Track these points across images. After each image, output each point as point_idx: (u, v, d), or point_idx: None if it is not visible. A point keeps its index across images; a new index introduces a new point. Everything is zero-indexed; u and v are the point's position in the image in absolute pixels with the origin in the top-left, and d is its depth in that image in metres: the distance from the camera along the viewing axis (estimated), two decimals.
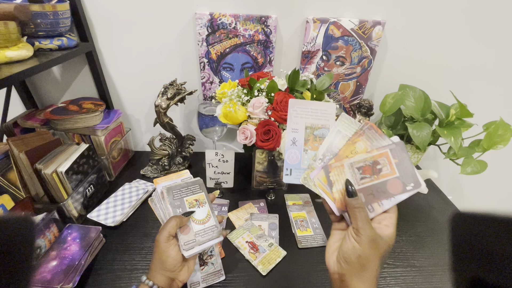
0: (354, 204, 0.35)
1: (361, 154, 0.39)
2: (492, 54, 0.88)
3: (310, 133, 0.42)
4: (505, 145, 0.78)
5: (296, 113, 0.43)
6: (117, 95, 0.92)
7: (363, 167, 0.38)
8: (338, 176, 0.39)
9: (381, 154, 0.38)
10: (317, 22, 0.78)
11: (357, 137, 0.40)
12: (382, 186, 0.37)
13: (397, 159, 0.38)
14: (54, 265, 0.55)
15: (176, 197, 0.50)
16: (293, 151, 0.42)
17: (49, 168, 0.63)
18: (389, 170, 0.38)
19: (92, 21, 0.78)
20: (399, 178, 0.37)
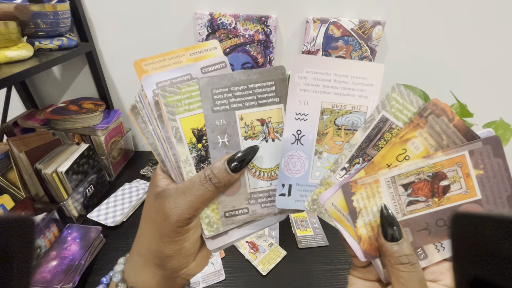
0: (398, 255, 0.21)
1: (413, 161, 0.22)
2: (492, 54, 0.88)
3: (330, 121, 0.24)
4: (505, 145, 0.78)
5: (306, 82, 0.23)
6: (117, 95, 0.92)
7: (415, 183, 0.22)
8: (367, 199, 0.23)
9: (452, 161, 0.22)
10: (317, 22, 0.78)
11: (412, 130, 0.23)
12: (447, 217, 0.22)
13: (482, 170, 0.22)
14: (54, 265, 0.55)
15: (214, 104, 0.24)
16: (296, 153, 0.24)
17: (49, 168, 0.63)
18: (463, 188, 0.22)
19: (92, 21, 0.78)
20: (482, 203, 0.22)
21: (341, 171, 0.23)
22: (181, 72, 0.23)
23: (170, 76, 0.23)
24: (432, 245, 0.23)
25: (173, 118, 0.22)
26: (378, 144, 0.23)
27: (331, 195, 0.23)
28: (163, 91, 0.22)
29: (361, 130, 0.23)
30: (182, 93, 0.22)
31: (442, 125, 0.22)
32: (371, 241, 0.23)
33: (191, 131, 0.23)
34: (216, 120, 0.23)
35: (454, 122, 0.22)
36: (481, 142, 0.21)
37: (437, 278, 0.22)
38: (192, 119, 0.23)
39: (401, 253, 0.21)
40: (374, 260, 0.23)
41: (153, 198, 0.23)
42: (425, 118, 0.22)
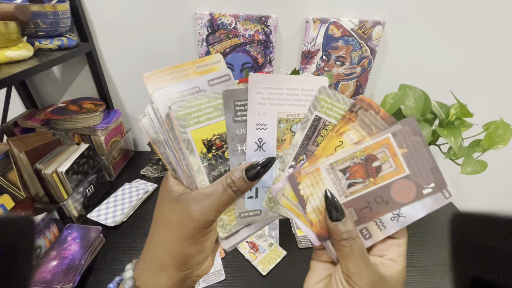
0: (341, 232, 0.23)
1: (347, 148, 0.25)
2: (492, 54, 0.88)
3: (287, 128, 0.26)
4: (505, 145, 0.78)
5: (262, 97, 0.26)
6: (117, 95, 0.92)
7: (351, 167, 0.25)
8: (312, 187, 0.25)
9: (379, 143, 0.25)
10: (317, 22, 0.78)
11: (346, 124, 0.26)
12: (383, 193, 0.25)
13: (405, 148, 0.24)
14: (54, 265, 0.55)
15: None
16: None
17: (49, 168, 0.63)
18: (393, 166, 0.25)
19: (92, 21, 0.78)
20: (411, 178, 0.25)
21: (289, 169, 0.26)
22: (190, 85, 0.25)
23: (179, 89, 0.25)
24: (375, 225, 0.25)
25: (184, 131, 0.24)
26: (317, 140, 0.26)
27: (281, 188, 0.26)
28: (174, 105, 0.23)
29: (299, 131, 0.26)
30: (192, 106, 0.24)
31: (370, 117, 0.25)
32: (321, 224, 0.25)
33: (202, 142, 0.24)
34: (237, 130, 0.26)
35: (381, 114, 0.25)
36: (400, 125, 0.25)
37: (383, 254, 0.24)
38: (202, 130, 0.24)
39: (343, 230, 0.23)
40: (326, 242, 0.26)
41: (173, 201, 0.24)
42: (355, 112, 0.25)
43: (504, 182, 1.21)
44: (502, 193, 1.26)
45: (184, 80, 0.25)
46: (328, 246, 0.26)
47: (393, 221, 0.25)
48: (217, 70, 0.27)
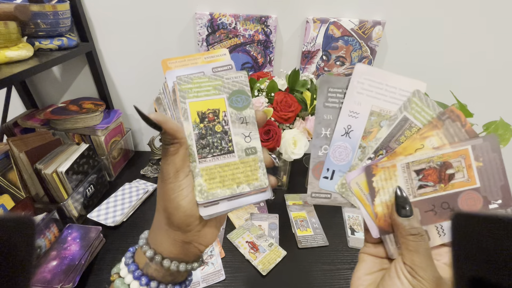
0: (409, 228, 0.24)
1: (425, 151, 0.26)
2: (492, 54, 0.88)
3: (376, 122, 0.28)
4: (505, 145, 0.78)
5: (363, 87, 0.28)
6: (117, 95, 0.92)
7: (425, 170, 0.26)
8: (385, 181, 0.27)
9: (457, 153, 0.26)
10: (317, 22, 0.78)
11: (431, 130, 0.27)
12: (451, 200, 0.26)
13: (481, 162, 0.26)
14: (54, 265, 0.55)
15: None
16: (343, 145, 0.28)
17: (49, 168, 0.63)
18: (465, 177, 0.26)
19: (92, 21, 0.78)
20: (480, 191, 0.25)
21: (367, 160, 0.28)
22: (196, 70, 0.29)
23: (187, 72, 0.29)
24: (435, 229, 0.26)
25: (184, 101, 0.27)
26: (399, 139, 0.27)
27: (356, 176, 0.27)
28: (179, 80, 0.27)
29: (386, 127, 0.28)
30: (193, 83, 0.28)
31: (455, 128, 0.26)
32: (386, 218, 0.26)
33: (196, 113, 0.27)
34: (325, 115, 0.28)
35: (466, 128, 0.26)
36: (482, 139, 0.26)
37: (437, 258, 0.25)
38: (198, 104, 0.28)
39: (411, 226, 0.24)
40: (385, 236, 0.27)
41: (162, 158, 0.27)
42: (443, 121, 0.26)
43: None
44: None
45: (193, 66, 0.29)
46: (387, 240, 0.27)
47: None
48: (221, 61, 0.30)
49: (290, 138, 0.65)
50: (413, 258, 0.24)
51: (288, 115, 0.65)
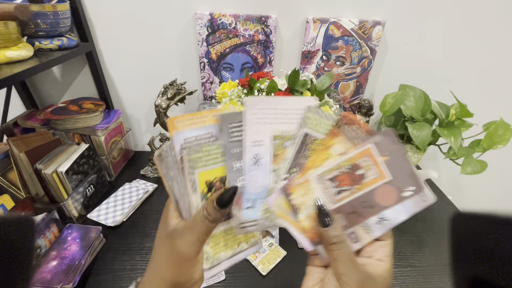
0: (331, 237, 0.25)
1: (333, 159, 0.28)
2: (492, 54, 0.88)
3: (280, 144, 0.29)
4: (505, 145, 0.78)
5: (258, 117, 0.29)
6: (117, 95, 0.92)
7: (338, 176, 0.27)
8: (304, 196, 0.27)
9: (362, 153, 0.27)
10: (317, 22, 0.78)
11: (332, 138, 0.28)
12: (368, 198, 0.27)
13: (386, 156, 0.27)
14: (54, 265, 0.55)
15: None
16: (256, 173, 0.29)
17: (49, 168, 0.63)
18: (375, 173, 0.27)
19: (92, 21, 0.78)
20: (392, 183, 0.27)
21: (283, 181, 0.29)
22: (205, 130, 0.28)
23: (195, 134, 0.28)
24: (362, 229, 0.27)
25: (193, 172, 0.27)
26: (306, 154, 0.29)
27: (275, 198, 0.28)
28: (189, 149, 0.27)
29: (290, 146, 0.29)
30: (203, 151, 0.27)
31: (354, 132, 0.28)
32: (314, 230, 0.27)
33: (204, 183, 0.28)
34: (232, 149, 0.28)
35: (364, 128, 0.28)
36: (381, 135, 0.27)
37: (371, 255, 0.26)
38: (207, 173, 0.28)
39: (331, 235, 0.25)
40: (317, 247, 0.28)
41: (166, 236, 0.27)
42: (340, 127, 0.28)
43: (504, 182, 1.21)
44: (502, 193, 1.26)
45: (201, 126, 0.29)
46: (320, 250, 0.28)
47: (378, 224, 0.27)
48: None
49: None
50: (336, 266, 0.25)
51: None
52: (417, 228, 0.75)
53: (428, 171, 0.84)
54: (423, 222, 0.77)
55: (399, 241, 0.70)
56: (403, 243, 0.70)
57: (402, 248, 0.68)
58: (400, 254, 0.67)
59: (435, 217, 0.79)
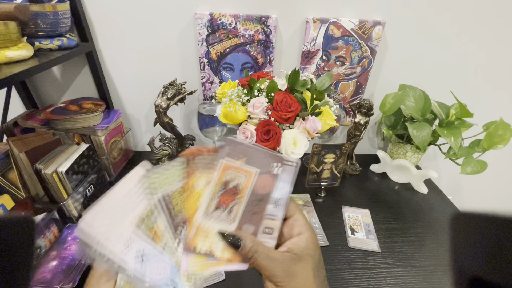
0: (247, 253, 0.27)
1: (205, 193, 0.29)
2: (492, 54, 0.88)
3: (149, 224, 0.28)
4: (505, 145, 0.78)
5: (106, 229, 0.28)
6: (117, 95, 0.92)
7: (219, 201, 0.29)
8: (207, 239, 0.28)
9: (223, 170, 0.29)
10: (317, 22, 0.78)
11: (190, 179, 0.29)
12: (254, 196, 0.29)
13: (241, 158, 0.29)
14: (54, 265, 0.55)
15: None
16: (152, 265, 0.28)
17: (49, 168, 0.63)
18: (244, 176, 0.29)
19: (92, 21, 0.78)
20: (262, 172, 0.29)
21: (178, 247, 0.28)
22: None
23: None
24: (268, 220, 0.29)
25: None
26: (175, 208, 0.29)
27: (186, 263, 0.28)
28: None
29: (158, 217, 0.29)
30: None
31: (203, 159, 0.29)
32: (235, 253, 0.28)
33: None
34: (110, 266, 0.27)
35: (207, 152, 0.29)
36: (225, 146, 0.29)
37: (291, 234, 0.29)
38: None
39: (245, 251, 0.27)
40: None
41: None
42: (187, 163, 0.29)
43: (504, 182, 1.21)
44: (502, 193, 1.26)
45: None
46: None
47: (276, 208, 0.29)
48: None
49: (290, 138, 0.65)
50: (263, 272, 0.26)
51: (288, 115, 0.65)
52: (417, 228, 0.75)
53: (428, 171, 0.84)
54: (423, 222, 0.77)
55: (399, 241, 0.70)
56: (403, 243, 0.70)
57: (402, 248, 0.68)
58: (400, 254, 0.67)
59: (435, 217, 0.79)
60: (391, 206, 0.82)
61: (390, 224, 0.75)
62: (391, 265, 0.64)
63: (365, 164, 0.98)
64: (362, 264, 0.64)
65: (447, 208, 0.83)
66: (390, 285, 0.60)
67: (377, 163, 0.95)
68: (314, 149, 0.74)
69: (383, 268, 0.63)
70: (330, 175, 0.80)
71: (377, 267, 0.63)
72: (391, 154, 0.96)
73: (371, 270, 0.63)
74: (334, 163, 0.78)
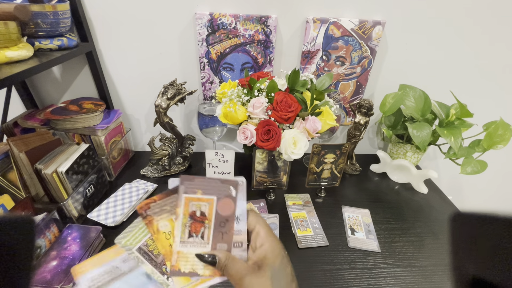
0: (222, 267, 0.32)
1: (174, 227, 0.34)
2: (492, 54, 0.88)
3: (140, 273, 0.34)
4: (505, 145, 0.78)
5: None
6: (117, 95, 0.92)
7: (191, 230, 0.33)
8: (188, 262, 0.33)
9: (186, 204, 0.33)
10: (317, 22, 0.78)
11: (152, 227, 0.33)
12: (220, 219, 0.34)
13: (199, 189, 0.34)
14: (54, 265, 0.55)
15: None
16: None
17: (49, 168, 0.63)
18: (205, 204, 0.34)
19: (92, 21, 0.78)
20: (220, 197, 0.34)
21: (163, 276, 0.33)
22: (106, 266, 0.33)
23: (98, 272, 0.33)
24: (236, 235, 0.34)
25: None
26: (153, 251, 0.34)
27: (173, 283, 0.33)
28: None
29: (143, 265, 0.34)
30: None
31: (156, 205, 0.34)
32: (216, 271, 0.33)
33: None
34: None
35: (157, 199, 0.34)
36: (180, 185, 0.33)
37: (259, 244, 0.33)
38: None
39: (221, 265, 0.32)
40: None
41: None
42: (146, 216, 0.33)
43: (504, 182, 1.21)
44: (502, 193, 1.26)
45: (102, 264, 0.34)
46: None
47: (238, 223, 0.34)
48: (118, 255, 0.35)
49: (290, 138, 0.65)
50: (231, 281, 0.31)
51: (288, 115, 0.65)
52: (417, 228, 0.75)
53: (428, 171, 0.84)
54: (423, 222, 0.77)
55: (399, 241, 0.70)
56: (403, 243, 0.70)
57: (402, 248, 0.68)
58: (400, 254, 0.67)
59: (435, 217, 0.79)
60: (391, 206, 0.82)
61: (390, 224, 0.75)
62: (391, 265, 0.64)
63: (365, 164, 0.98)
64: (362, 264, 0.64)
65: (447, 208, 0.83)
66: (390, 285, 0.60)
67: (377, 163, 0.95)
68: (314, 149, 0.74)
69: (383, 268, 0.63)
70: (330, 175, 0.80)
71: (377, 267, 0.63)
72: (391, 154, 0.96)
73: (371, 270, 0.63)
74: (334, 163, 0.78)
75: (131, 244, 0.34)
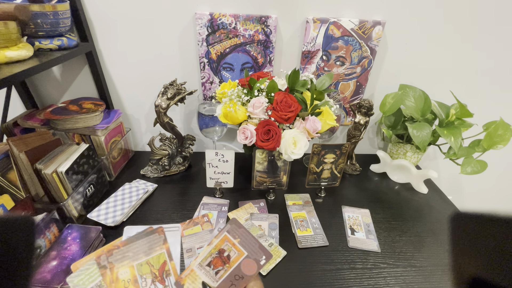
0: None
1: (205, 248, 0.38)
2: (492, 54, 0.88)
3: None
4: (505, 145, 0.78)
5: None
6: (117, 95, 0.92)
7: (212, 261, 0.37)
8: (193, 283, 0.36)
9: (222, 240, 0.38)
10: (317, 22, 0.78)
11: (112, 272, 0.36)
12: (238, 272, 0.36)
13: (238, 238, 0.38)
14: (54, 265, 0.55)
15: None
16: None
17: (49, 168, 0.63)
18: (236, 252, 0.37)
19: (92, 21, 0.78)
20: (249, 256, 0.37)
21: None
22: None
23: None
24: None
25: None
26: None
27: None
28: None
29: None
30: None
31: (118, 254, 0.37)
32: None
33: None
34: None
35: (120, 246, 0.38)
36: (229, 224, 0.39)
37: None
38: None
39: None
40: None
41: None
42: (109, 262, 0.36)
43: (504, 182, 1.21)
44: (502, 193, 1.26)
45: None
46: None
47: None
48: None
49: (290, 138, 0.65)
50: None
51: (288, 115, 0.65)
52: (417, 228, 0.75)
53: (428, 171, 0.84)
54: (423, 222, 0.77)
55: (399, 241, 0.70)
56: (403, 243, 0.70)
57: (402, 248, 0.68)
58: (400, 254, 0.67)
59: (435, 217, 0.79)
60: (391, 206, 0.82)
61: (390, 224, 0.75)
62: (391, 265, 0.64)
63: (365, 164, 0.98)
64: (362, 264, 0.64)
65: (447, 208, 0.83)
66: (390, 285, 0.60)
67: (377, 163, 0.95)
68: (314, 149, 0.74)
69: (383, 268, 0.63)
70: (330, 175, 0.80)
71: (377, 267, 0.63)
72: (391, 154, 0.96)
73: (371, 270, 0.63)
74: (334, 163, 0.78)
75: (84, 284, 0.36)
